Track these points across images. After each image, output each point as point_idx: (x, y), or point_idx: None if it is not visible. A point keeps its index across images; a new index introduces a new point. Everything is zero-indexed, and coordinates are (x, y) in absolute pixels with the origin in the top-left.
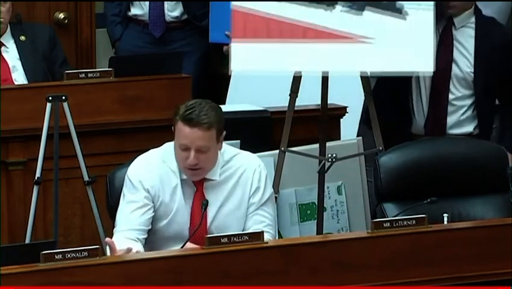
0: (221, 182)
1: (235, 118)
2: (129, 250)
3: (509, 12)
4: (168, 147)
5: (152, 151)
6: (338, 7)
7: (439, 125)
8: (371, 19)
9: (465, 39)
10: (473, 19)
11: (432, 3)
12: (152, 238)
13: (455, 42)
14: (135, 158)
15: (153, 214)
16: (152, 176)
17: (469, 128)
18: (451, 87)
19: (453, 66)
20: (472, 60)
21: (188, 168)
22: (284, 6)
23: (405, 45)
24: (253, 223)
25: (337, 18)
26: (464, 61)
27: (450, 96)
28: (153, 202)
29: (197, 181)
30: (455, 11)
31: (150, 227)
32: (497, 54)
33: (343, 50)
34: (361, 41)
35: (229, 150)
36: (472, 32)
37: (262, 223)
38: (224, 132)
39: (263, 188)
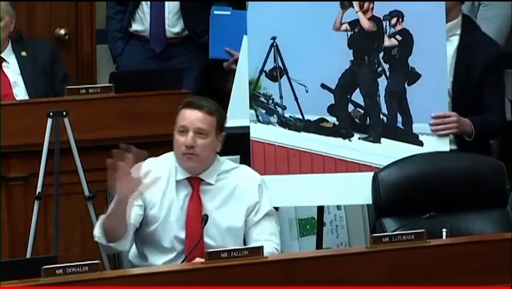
0: (217, 189)
1: (235, 133)
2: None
3: (509, 32)
4: (169, 154)
5: (151, 158)
6: (356, 135)
7: None
8: (389, 148)
9: (449, 49)
10: (459, 30)
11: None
12: (148, 242)
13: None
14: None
15: (142, 213)
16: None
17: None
18: None
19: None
20: (452, 71)
21: (184, 154)
22: (302, 137)
23: None
24: (257, 233)
25: (355, 147)
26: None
27: None
28: (144, 204)
29: (193, 182)
30: None
31: (138, 225)
32: (476, 70)
33: (363, 180)
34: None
35: (229, 162)
36: (456, 43)
37: (265, 232)
38: (224, 133)
39: (263, 202)
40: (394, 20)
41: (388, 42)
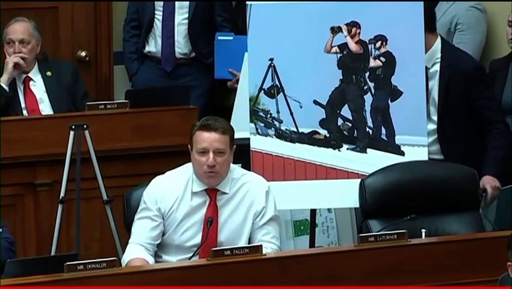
0: (231, 196)
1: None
2: None
3: (481, 55)
4: (185, 166)
5: (169, 172)
6: (345, 146)
7: None
8: (375, 157)
9: (435, 73)
10: (439, 54)
11: (425, 141)
12: (167, 245)
13: (430, 80)
14: (153, 178)
15: (162, 229)
16: (164, 193)
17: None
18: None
19: (430, 99)
20: (437, 88)
21: (206, 172)
22: (296, 147)
23: None
24: (262, 235)
25: (344, 157)
26: (434, 91)
27: (430, 127)
28: (163, 218)
29: (210, 193)
30: None
31: (159, 241)
32: (457, 83)
33: (351, 186)
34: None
35: (238, 169)
36: (438, 65)
37: (268, 234)
38: (235, 146)
39: (269, 207)
40: (378, 44)
41: (373, 63)
